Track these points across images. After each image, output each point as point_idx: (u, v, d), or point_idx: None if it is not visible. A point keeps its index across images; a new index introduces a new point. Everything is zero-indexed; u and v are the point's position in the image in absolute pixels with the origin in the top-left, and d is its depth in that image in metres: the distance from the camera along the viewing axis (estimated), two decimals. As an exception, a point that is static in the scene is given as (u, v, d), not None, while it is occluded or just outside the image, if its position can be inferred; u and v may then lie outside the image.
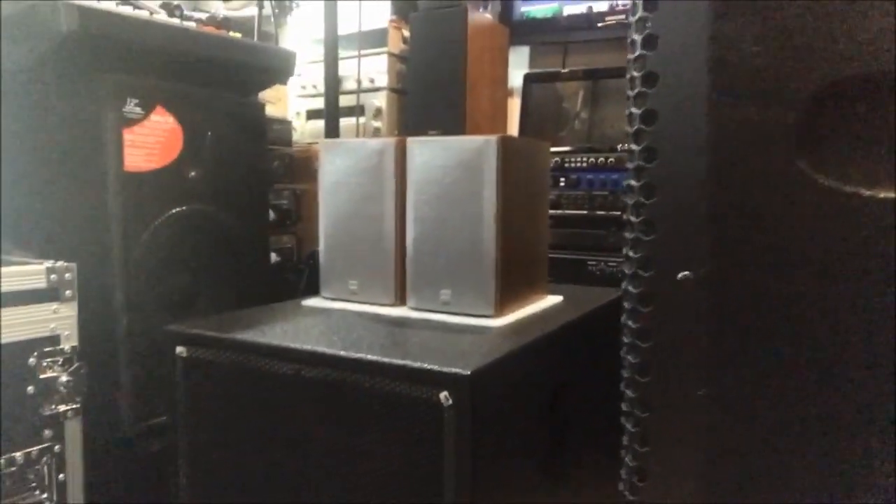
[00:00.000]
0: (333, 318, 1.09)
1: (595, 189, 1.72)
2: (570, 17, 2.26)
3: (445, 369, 0.80)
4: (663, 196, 0.66)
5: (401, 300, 1.14)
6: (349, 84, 2.27)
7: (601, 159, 1.72)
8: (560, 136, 2.22)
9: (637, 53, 0.68)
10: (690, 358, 0.64)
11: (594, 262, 1.70)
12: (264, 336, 0.97)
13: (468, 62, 2.06)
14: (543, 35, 2.34)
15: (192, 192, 1.32)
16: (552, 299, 1.26)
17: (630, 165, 0.69)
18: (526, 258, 1.17)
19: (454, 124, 2.06)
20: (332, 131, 1.79)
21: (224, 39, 1.33)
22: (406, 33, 2.20)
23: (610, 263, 1.68)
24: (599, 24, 2.21)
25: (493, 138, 1.03)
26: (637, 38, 0.68)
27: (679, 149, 0.65)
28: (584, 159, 1.75)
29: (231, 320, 1.08)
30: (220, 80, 1.36)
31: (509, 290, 1.08)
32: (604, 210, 1.70)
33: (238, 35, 1.38)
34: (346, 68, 2.22)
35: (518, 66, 2.43)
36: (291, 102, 2.50)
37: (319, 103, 2.35)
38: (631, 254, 0.71)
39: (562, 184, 1.74)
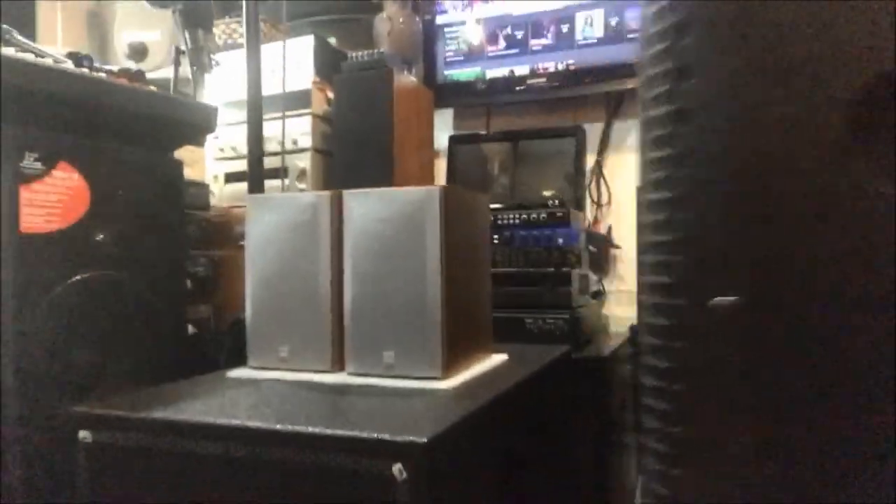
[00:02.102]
0: (263, 389, 0.98)
1: (529, 245, 1.70)
2: (493, 80, 2.29)
3: (398, 438, 0.71)
4: (695, 206, 0.59)
5: (338, 365, 1.05)
6: (271, 146, 2.19)
7: (533, 215, 1.71)
8: (495, 196, 2.21)
9: (665, 45, 0.62)
10: (727, 397, 0.57)
11: (531, 320, 1.66)
12: (184, 413, 0.86)
13: (395, 123, 2.04)
14: (467, 98, 2.35)
15: (99, 256, 1.20)
16: (497, 358, 1.19)
17: (653, 176, 0.63)
18: (471, 315, 1.11)
19: (382, 185, 2.01)
20: (257, 190, 1.70)
21: (139, 91, 1.24)
22: (330, 94, 2.17)
23: (548, 321, 1.64)
24: (520, 87, 2.25)
25: (435, 189, 0.98)
26: (665, 27, 0.61)
27: (712, 155, 0.57)
28: (517, 216, 1.73)
29: (144, 398, 0.95)
30: (134, 136, 1.25)
31: (455, 349, 1.01)
32: (539, 266, 1.68)
33: (154, 88, 1.29)
34: (268, 130, 2.15)
35: (443, 127, 2.44)
36: (208, 166, 2.40)
37: (238, 166, 2.26)
38: (655, 279, 0.63)
39: (496, 240, 1.71)
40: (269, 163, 2.13)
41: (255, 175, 1.67)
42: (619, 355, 1.87)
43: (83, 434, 0.88)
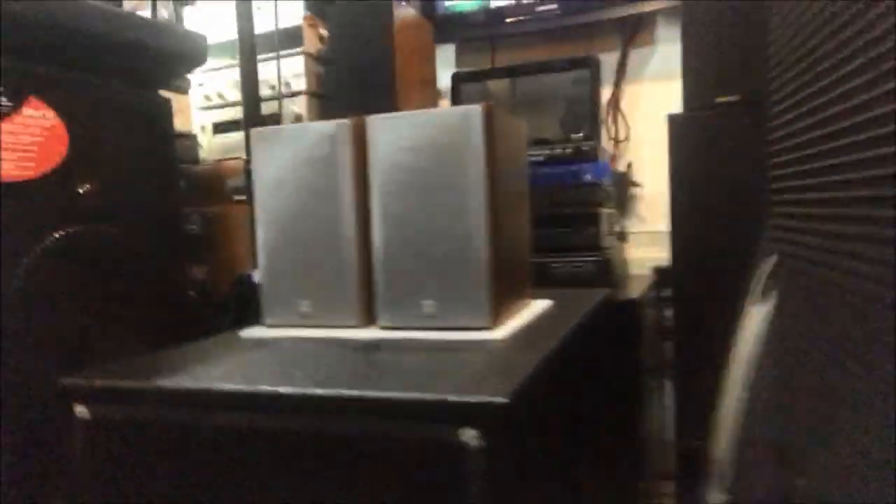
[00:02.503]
0: (287, 350, 0.85)
1: (554, 183, 1.56)
2: (497, 9, 2.11)
3: (469, 398, 0.59)
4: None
5: (368, 319, 0.92)
6: (262, 91, 2.01)
7: (558, 150, 1.57)
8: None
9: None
10: None
11: (558, 264, 1.53)
12: (199, 380, 0.73)
13: (396, 60, 1.88)
14: (469, 30, 2.18)
15: (84, 209, 1.05)
16: (541, 303, 1.07)
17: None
18: (514, 256, 0.98)
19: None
20: (252, 118, 1.53)
21: (118, 13, 1.07)
22: (323, 31, 1.99)
23: (576, 264, 1.52)
24: (526, 16, 2.08)
25: (476, 107, 0.84)
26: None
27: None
28: (540, 151, 1.59)
29: (148, 365, 0.82)
30: (113, 67, 1.09)
31: (502, 294, 0.89)
32: (566, 206, 1.55)
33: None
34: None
35: (444, 65, 2.27)
36: (193, 116, 2.22)
37: (227, 115, 2.10)
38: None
39: (516, 181, 1.57)
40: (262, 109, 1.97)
41: (253, 119, 1.50)
42: (647, 299, 1.77)
43: (80, 410, 0.75)
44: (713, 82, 1.65)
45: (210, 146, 2.14)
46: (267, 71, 1.95)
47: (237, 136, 2.07)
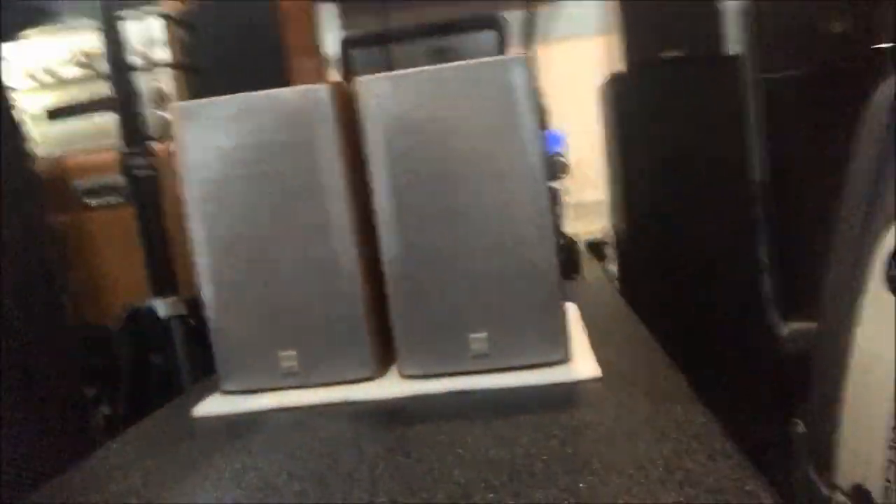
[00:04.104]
0: (272, 446, 0.56)
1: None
2: (389, -38, 1.83)
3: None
4: None
5: (383, 366, 0.65)
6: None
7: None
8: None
9: None
10: None
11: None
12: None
13: (282, 19, 1.54)
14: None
15: None
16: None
17: None
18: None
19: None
20: (126, 103, 1.13)
21: None
22: (183, -13, 1.60)
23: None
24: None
25: (520, 57, 0.59)
26: None
27: None
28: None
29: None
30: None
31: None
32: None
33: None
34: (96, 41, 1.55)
35: (326, 28, 1.95)
36: (17, 102, 1.74)
37: (63, 96, 1.64)
38: None
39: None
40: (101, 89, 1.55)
41: (125, 98, 1.11)
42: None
43: None
44: (655, 37, 1.51)
45: (45, 137, 1.68)
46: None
47: (83, 123, 1.63)
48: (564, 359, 0.62)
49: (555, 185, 1.34)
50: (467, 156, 0.60)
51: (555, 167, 1.34)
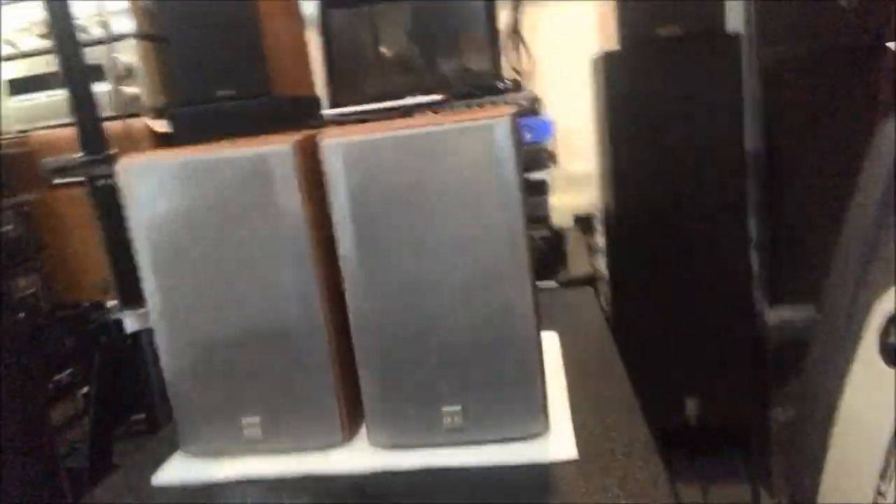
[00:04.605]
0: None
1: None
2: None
3: None
4: None
5: (349, 431, 0.62)
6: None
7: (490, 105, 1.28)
8: (391, 79, 1.72)
9: None
10: None
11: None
12: None
13: (255, -14, 1.44)
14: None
15: None
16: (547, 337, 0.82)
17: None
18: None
19: (253, 79, 1.45)
20: (84, 105, 1.06)
21: None
22: (147, -51, 1.49)
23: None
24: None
25: (502, 118, 0.54)
26: None
27: None
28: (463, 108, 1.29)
29: None
30: None
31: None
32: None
33: None
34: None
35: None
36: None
37: (26, 67, 1.55)
38: None
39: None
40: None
41: (78, 77, 1.03)
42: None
43: None
44: (652, 12, 1.42)
45: (7, 112, 1.59)
46: (79, 9, 1.43)
47: (49, 97, 1.55)
48: (542, 430, 0.59)
49: (541, 175, 1.29)
50: (442, 224, 0.55)
51: (542, 157, 1.29)
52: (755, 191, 1.63)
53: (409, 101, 1.28)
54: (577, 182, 1.91)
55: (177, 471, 0.62)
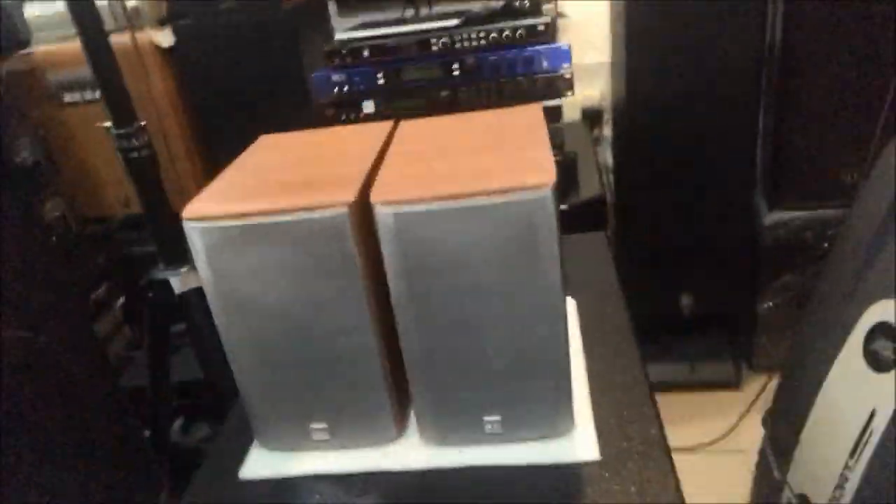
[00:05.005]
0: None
1: (502, 75, 1.27)
2: None
3: None
4: None
5: (400, 426, 0.73)
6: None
7: (506, 33, 1.24)
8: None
9: None
10: None
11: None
12: None
13: None
14: None
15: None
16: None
17: None
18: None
19: None
20: (110, 78, 1.04)
21: None
22: None
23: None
24: None
25: (545, 189, 0.58)
26: None
27: None
28: (479, 35, 1.26)
29: None
30: None
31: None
32: (518, 100, 1.28)
33: None
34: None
35: None
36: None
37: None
38: None
39: (454, 72, 1.25)
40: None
41: (102, 48, 1.01)
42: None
43: None
44: None
45: (2, 27, 1.53)
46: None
47: (52, 8, 1.48)
48: (569, 428, 0.70)
49: (557, 102, 1.29)
50: (486, 276, 0.61)
51: (558, 85, 1.28)
52: (767, 84, 1.62)
53: (425, 25, 1.24)
54: (590, 73, 1.89)
55: (259, 466, 0.73)
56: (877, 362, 0.71)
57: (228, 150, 0.76)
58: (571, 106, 1.85)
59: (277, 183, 0.67)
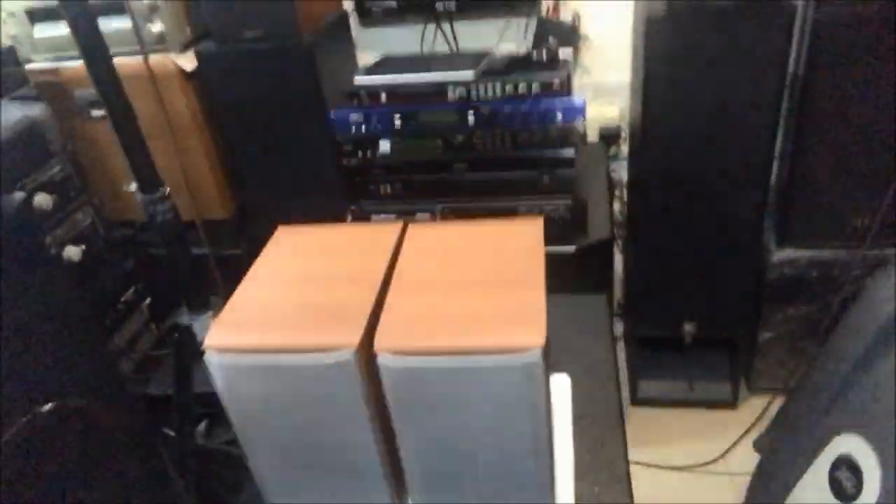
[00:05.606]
0: None
1: (516, 126, 1.29)
2: None
3: None
4: None
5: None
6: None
7: (521, 86, 1.26)
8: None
9: None
10: None
11: (526, 208, 1.36)
12: None
13: None
14: None
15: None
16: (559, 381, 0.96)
17: None
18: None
19: (282, 21, 1.40)
20: (134, 144, 1.07)
21: None
22: None
23: (546, 207, 1.35)
24: None
25: (535, 353, 0.63)
26: None
27: None
28: (495, 87, 1.27)
29: None
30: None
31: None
32: (533, 149, 1.31)
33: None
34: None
35: None
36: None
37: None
38: None
39: (470, 122, 1.27)
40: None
41: (122, 110, 1.05)
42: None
43: None
44: None
45: (32, 42, 1.56)
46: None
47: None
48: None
49: (569, 152, 1.31)
50: (478, 415, 0.68)
51: (570, 137, 1.30)
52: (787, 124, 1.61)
53: (440, 76, 1.26)
54: (608, 92, 1.89)
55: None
56: (840, 491, 0.76)
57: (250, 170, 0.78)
58: (589, 126, 1.86)
59: (292, 307, 0.73)
